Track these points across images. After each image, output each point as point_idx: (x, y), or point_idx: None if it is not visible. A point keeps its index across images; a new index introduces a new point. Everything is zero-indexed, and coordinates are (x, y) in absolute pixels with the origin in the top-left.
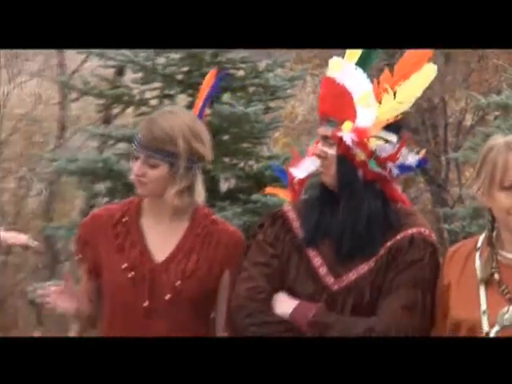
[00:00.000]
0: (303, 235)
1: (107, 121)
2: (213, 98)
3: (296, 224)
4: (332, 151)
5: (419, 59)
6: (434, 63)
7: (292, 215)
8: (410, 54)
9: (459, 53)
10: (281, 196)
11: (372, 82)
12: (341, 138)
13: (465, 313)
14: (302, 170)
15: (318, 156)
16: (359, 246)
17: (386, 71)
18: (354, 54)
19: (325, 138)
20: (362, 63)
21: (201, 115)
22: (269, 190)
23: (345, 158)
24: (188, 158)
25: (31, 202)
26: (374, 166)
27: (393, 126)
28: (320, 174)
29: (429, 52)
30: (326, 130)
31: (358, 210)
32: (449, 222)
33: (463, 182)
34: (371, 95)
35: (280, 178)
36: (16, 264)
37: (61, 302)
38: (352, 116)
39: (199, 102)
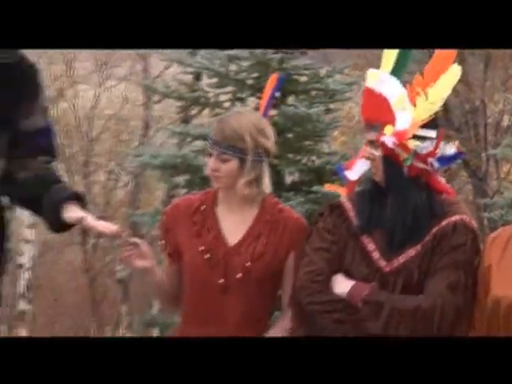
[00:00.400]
0: (358, 224)
1: (186, 121)
2: (279, 101)
3: (351, 214)
4: (378, 153)
5: (445, 61)
6: (475, 69)
7: (348, 206)
8: (437, 58)
9: (498, 59)
10: (338, 191)
11: (405, 86)
12: (383, 142)
13: (504, 291)
14: (355, 172)
15: (367, 158)
16: (408, 233)
17: (417, 76)
18: (388, 64)
19: (371, 142)
20: (395, 71)
21: (265, 114)
22: (328, 186)
23: (389, 159)
24: (255, 152)
25: (119, 193)
26: (415, 163)
27: (430, 124)
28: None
29: (453, 53)
30: (371, 135)
31: (405, 203)
32: (488, 211)
33: (502, 176)
34: (406, 99)
35: (339, 176)
36: (105, 247)
37: (135, 263)
38: (391, 120)
39: (263, 103)
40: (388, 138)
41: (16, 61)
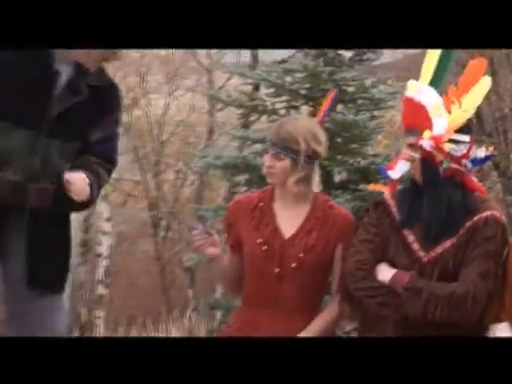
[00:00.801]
0: (399, 219)
1: (246, 126)
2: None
3: (394, 209)
4: (417, 155)
5: (477, 73)
6: (505, 80)
7: (391, 202)
8: (470, 71)
9: None
10: (382, 190)
11: (441, 96)
12: (422, 145)
13: None
14: (396, 172)
15: (408, 160)
16: (444, 227)
17: (452, 86)
18: (427, 75)
19: (411, 145)
20: (433, 82)
21: (321, 122)
22: (372, 186)
23: (427, 160)
24: (307, 154)
25: (186, 190)
26: (449, 165)
27: (464, 130)
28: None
29: (484, 66)
30: (411, 139)
31: (441, 200)
32: None
33: None
34: (442, 107)
35: (383, 176)
36: (174, 238)
37: (208, 250)
38: (429, 126)
39: (321, 112)
40: (426, 142)
41: (102, 83)
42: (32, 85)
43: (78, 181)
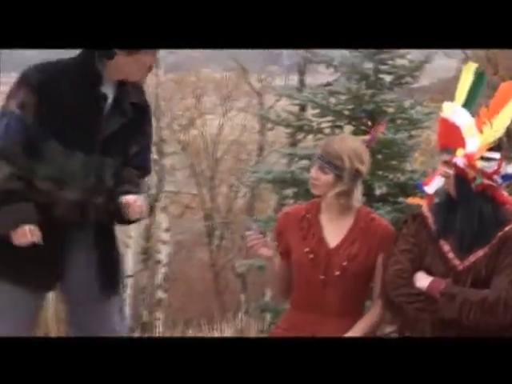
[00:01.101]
0: (436, 230)
1: (293, 144)
2: (371, 129)
3: (430, 221)
4: (451, 171)
5: (507, 96)
6: None
7: (428, 215)
8: (500, 94)
9: None
10: (420, 203)
11: (474, 117)
12: (455, 163)
13: None
14: (432, 186)
15: (443, 176)
16: (476, 238)
17: (483, 108)
18: (461, 98)
19: (446, 163)
20: (466, 104)
21: (368, 145)
22: (410, 199)
23: (460, 176)
24: (350, 171)
25: (239, 202)
26: (482, 181)
27: (494, 148)
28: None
29: None
30: (445, 157)
31: (474, 213)
32: None
33: None
34: (474, 127)
35: (420, 191)
36: (227, 247)
37: (260, 250)
38: (462, 144)
39: (370, 137)
40: (459, 160)
41: (141, 101)
42: (83, 110)
43: (136, 204)
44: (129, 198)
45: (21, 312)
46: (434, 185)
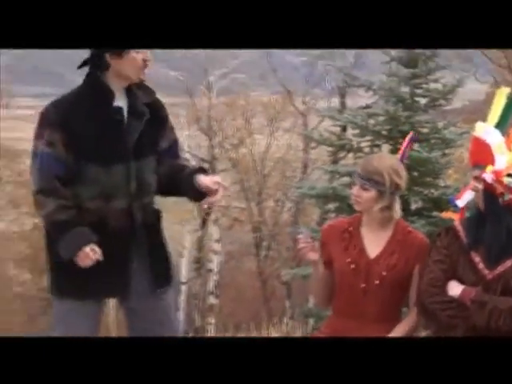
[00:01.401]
0: (467, 242)
1: (335, 162)
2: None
3: (462, 234)
4: (481, 186)
5: None
6: None
7: (459, 228)
8: None
9: None
10: (452, 217)
11: (504, 136)
12: (484, 178)
13: None
14: (463, 200)
15: (473, 190)
16: (504, 250)
17: None
18: (493, 119)
19: (476, 178)
20: (499, 125)
21: (402, 159)
22: (444, 214)
23: (488, 191)
24: (390, 186)
25: (284, 216)
26: (509, 196)
27: None
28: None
29: None
30: (476, 173)
31: (501, 226)
32: None
33: None
34: (504, 146)
35: (452, 205)
36: (273, 257)
37: (308, 254)
38: (492, 161)
39: (402, 152)
40: (488, 175)
41: (152, 99)
42: (105, 128)
43: (214, 185)
44: (203, 180)
45: (88, 323)
46: (465, 199)
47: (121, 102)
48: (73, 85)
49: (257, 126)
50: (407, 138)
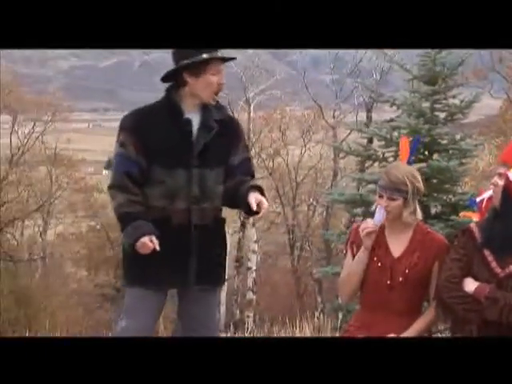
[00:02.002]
0: (481, 241)
1: (362, 170)
2: (427, 157)
3: (477, 235)
4: (501, 182)
5: None
6: None
7: (475, 229)
8: None
9: None
10: (472, 218)
11: None
12: (507, 175)
13: None
14: (482, 196)
15: (493, 184)
16: None
17: None
18: None
19: (500, 174)
20: None
21: (409, 162)
22: (463, 214)
23: (507, 189)
24: (412, 191)
25: (316, 219)
26: None
27: None
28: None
29: None
30: (501, 169)
31: None
32: None
33: None
34: None
35: (472, 206)
36: (306, 256)
37: (366, 239)
38: None
39: (406, 156)
40: (511, 174)
41: (225, 117)
42: (174, 136)
43: (263, 202)
44: (254, 197)
45: (149, 310)
46: (484, 195)
47: (193, 115)
48: (122, 100)
49: (291, 137)
50: (406, 142)
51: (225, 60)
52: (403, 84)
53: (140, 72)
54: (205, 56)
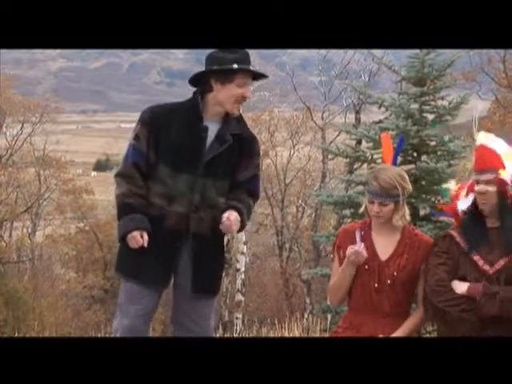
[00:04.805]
0: (466, 246)
1: (351, 172)
2: (416, 159)
3: (459, 239)
4: (491, 189)
5: None
6: None
7: (455, 234)
8: None
9: None
10: (443, 209)
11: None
12: (501, 179)
13: None
14: (463, 203)
15: (480, 193)
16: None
17: None
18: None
19: (486, 182)
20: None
21: (394, 163)
22: (438, 206)
23: (502, 193)
24: (403, 194)
25: (305, 221)
26: None
27: None
28: (479, 205)
29: None
30: (488, 176)
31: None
32: None
33: None
34: (511, 154)
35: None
36: (294, 258)
37: (356, 256)
38: (503, 167)
39: (391, 156)
40: (508, 177)
41: (242, 132)
42: (187, 140)
43: (232, 221)
44: (225, 214)
45: (141, 307)
46: (466, 202)
47: (212, 124)
48: (111, 101)
49: (280, 139)
50: (386, 140)
51: (254, 75)
52: (392, 85)
53: (129, 74)
54: (235, 66)
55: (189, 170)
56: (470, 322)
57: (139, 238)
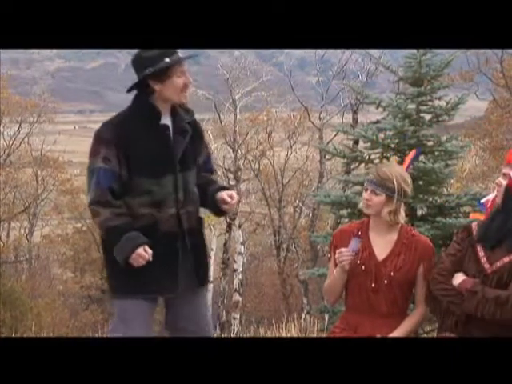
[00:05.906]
0: (476, 236)
1: (348, 172)
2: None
3: (475, 231)
4: (505, 182)
5: None
6: None
7: (474, 226)
8: None
9: None
10: (478, 218)
11: None
12: (510, 175)
13: None
14: (486, 197)
15: (497, 184)
16: (507, 246)
17: None
18: None
19: (504, 174)
20: None
21: (406, 169)
22: (472, 215)
23: (509, 188)
24: (398, 192)
25: (302, 221)
26: None
27: None
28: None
29: None
30: (506, 170)
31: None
32: None
33: None
34: None
35: (479, 207)
36: (292, 258)
37: (346, 260)
38: None
39: (406, 163)
40: None
41: (192, 118)
42: (153, 143)
43: (235, 200)
44: (223, 195)
45: (143, 320)
46: (489, 196)
47: (166, 120)
48: (108, 101)
49: (277, 139)
50: (413, 153)
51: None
52: (389, 86)
53: (126, 74)
54: (167, 60)
55: (168, 171)
56: (455, 315)
57: (144, 254)
